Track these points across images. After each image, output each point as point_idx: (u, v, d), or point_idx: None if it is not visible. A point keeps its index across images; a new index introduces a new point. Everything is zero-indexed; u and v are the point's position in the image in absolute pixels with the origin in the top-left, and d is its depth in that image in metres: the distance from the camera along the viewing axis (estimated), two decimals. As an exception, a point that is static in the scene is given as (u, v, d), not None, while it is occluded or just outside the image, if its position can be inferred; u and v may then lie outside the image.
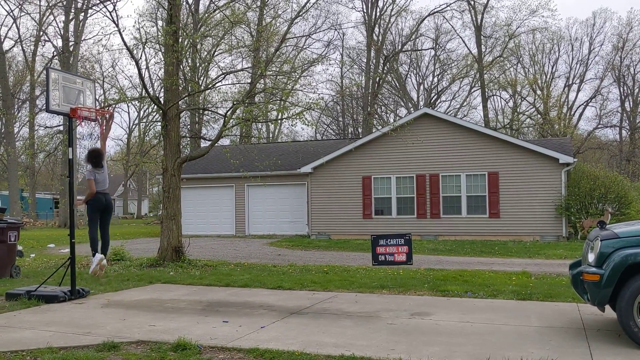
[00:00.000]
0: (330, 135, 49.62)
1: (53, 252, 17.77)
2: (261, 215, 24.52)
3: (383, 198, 21.45)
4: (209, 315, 7.23)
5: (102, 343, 5.67)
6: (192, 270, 12.03)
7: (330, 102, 46.11)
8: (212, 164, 26.05)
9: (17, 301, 8.16)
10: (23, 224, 12.69)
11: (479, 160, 20.30)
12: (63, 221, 35.01)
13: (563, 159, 19.19)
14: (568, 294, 8.17)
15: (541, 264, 13.06)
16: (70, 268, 8.72)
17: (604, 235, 5.67)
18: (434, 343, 5.70)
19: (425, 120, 21.07)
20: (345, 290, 9.22)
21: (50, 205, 52.38)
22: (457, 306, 7.67)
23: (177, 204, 13.29)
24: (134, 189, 67.89)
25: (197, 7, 15.68)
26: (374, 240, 9.56)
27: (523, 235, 19.60)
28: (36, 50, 38.51)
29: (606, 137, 51.98)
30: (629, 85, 48.20)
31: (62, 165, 37.29)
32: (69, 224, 9.05)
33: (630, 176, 40.63)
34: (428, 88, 48.91)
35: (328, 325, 6.54)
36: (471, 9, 43.15)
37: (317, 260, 14.30)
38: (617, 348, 5.40)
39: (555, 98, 48.45)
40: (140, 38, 13.90)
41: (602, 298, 5.46)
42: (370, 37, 38.86)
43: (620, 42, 46.87)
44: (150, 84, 34.09)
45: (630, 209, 19.99)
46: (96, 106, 9.57)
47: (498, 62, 45.22)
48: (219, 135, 14.03)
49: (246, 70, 16.20)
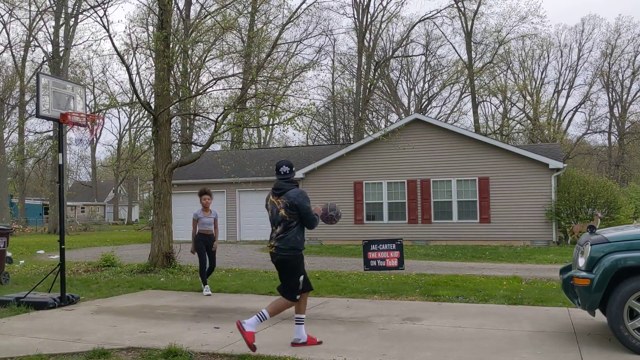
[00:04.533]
0: (321, 140, 49.66)
1: (42, 258, 17.63)
2: (253, 221, 24.46)
3: (374, 203, 21.48)
4: (200, 322, 7.19)
5: (92, 350, 5.63)
6: (183, 276, 11.97)
7: (322, 107, 46.19)
8: (203, 169, 25.99)
9: (6, 308, 8.08)
10: (12, 230, 12.59)
11: (469, 166, 20.38)
12: (53, 227, 34.77)
13: (553, 164, 19.31)
14: (559, 299, 8.21)
15: (532, 269, 13.11)
16: (60, 274, 8.66)
17: (594, 240, 5.71)
18: (425, 348, 5.70)
19: (416, 126, 21.15)
20: (337, 295, 9.22)
21: (40, 212, 52.03)
22: (448, 311, 7.68)
23: (168, 210, 13.23)
24: (124, 195, 67.55)
25: (188, 13, 15.69)
26: (365, 245, 9.56)
27: (514, 240, 19.69)
28: (26, 55, 38.31)
29: (595, 143, 52.49)
30: (618, 91, 48.67)
31: (52, 171, 37.06)
32: (59, 230, 9.00)
33: (619, 181, 40.98)
34: (419, 94, 49.10)
35: (320, 331, 6.53)
36: (461, 15, 43.41)
37: (309, 266, 14.22)
38: (608, 352, 5.42)
39: (545, 104, 48.84)
40: (131, 43, 13.88)
41: (592, 302, 5.48)
42: (361, 43, 38.97)
43: (609, 48, 47.38)
44: (141, 89, 34.04)
45: (619, 214, 20.15)
46: (87, 111, 9.54)
47: (488, 68, 45.48)
48: (210, 141, 14.00)
49: (237, 75, 16.17)
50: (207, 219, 9.57)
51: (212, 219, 9.64)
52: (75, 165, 68.18)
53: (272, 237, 5.82)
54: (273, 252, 5.83)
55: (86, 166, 68.16)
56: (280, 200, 5.72)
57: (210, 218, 9.61)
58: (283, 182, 5.76)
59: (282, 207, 5.69)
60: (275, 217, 5.77)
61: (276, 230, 5.76)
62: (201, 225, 9.54)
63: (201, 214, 9.58)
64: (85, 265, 14.27)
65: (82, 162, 67.89)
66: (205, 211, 9.61)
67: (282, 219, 5.69)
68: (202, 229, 9.56)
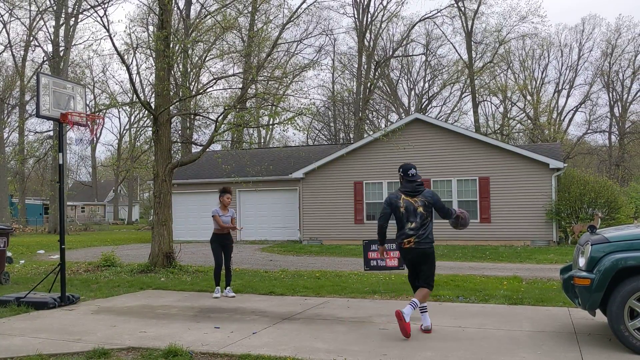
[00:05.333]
0: (321, 140, 49.65)
1: (43, 258, 17.63)
2: (253, 221, 24.45)
3: (375, 203, 21.46)
4: (200, 322, 7.19)
5: (92, 350, 5.62)
6: (183, 276, 11.97)
7: (322, 107, 46.19)
8: (203, 169, 25.98)
9: (6, 308, 8.08)
10: (12, 230, 12.58)
11: (469, 166, 20.37)
12: (53, 227, 34.77)
13: (553, 164, 19.30)
14: (559, 299, 8.20)
15: (532, 269, 13.11)
16: (60, 274, 8.66)
17: (594, 240, 5.71)
18: (426, 348, 5.70)
19: (417, 126, 21.14)
20: (338, 295, 9.21)
21: (40, 211, 52.05)
22: (449, 311, 7.68)
23: (168, 210, 13.23)
24: (124, 194, 67.55)
25: (188, 13, 15.71)
26: (365, 245, 9.54)
27: (514, 240, 19.68)
28: (26, 55, 38.32)
29: (595, 143, 52.45)
30: (618, 90, 48.64)
31: (52, 170, 37.08)
32: (59, 230, 9.00)
33: (620, 181, 40.96)
34: (419, 93, 49.09)
35: (320, 331, 6.53)
36: (462, 15, 43.41)
37: (309, 266, 14.28)
38: (608, 352, 5.42)
39: (545, 103, 48.84)
40: (131, 43, 13.88)
41: (593, 302, 5.48)
42: (361, 43, 38.96)
43: (609, 48, 47.35)
44: (141, 89, 34.06)
45: (619, 214, 20.13)
46: (87, 111, 9.53)
47: (488, 68, 45.48)
48: (210, 141, 14.00)
49: (237, 75, 16.16)
50: (225, 217, 9.42)
51: (230, 218, 9.49)
52: (75, 165, 68.23)
53: (408, 234, 6.36)
54: (413, 247, 6.37)
55: (86, 166, 68.23)
56: (417, 199, 6.41)
57: (228, 217, 9.46)
58: (416, 185, 6.48)
59: (420, 205, 6.38)
60: (411, 215, 6.37)
61: (410, 226, 6.36)
62: (218, 224, 9.41)
63: (220, 212, 9.43)
64: (85, 265, 14.26)
65: (82, 161, 67.96)
66: (224, 209, 9.47)
67: (420, 216, 6.36)
68: (217, 229, 9.42)
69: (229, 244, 9.52)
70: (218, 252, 9.42)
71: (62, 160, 9.16)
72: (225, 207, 9.50)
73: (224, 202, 9.49)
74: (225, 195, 9.53)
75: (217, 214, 9.39)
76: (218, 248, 9.43)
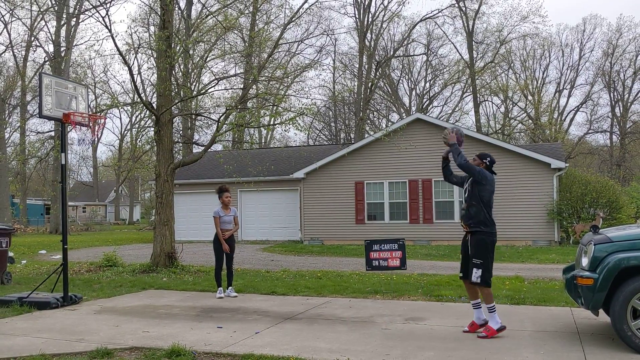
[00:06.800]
0: (322, 140, 49.62)
1: (44, 258, 17.65)
2: (254, 221, 24.46)
3: (376, 203, 21.46)
4: (202, 321, 7.20)
5: (95, 350, 5.63)
6: (185, 276, 11.98)
7: (323, 107, 46.15)
8: (205, 169, 25.99)
9: (9, 308, 8.09)
10: (14, 230, 12.60)
11: (471, 166, 20.31)
12: (54, 227, 34.77)
13: (555, 164, 19.29)
14: (561, 299, 8.20)
15: (534, 269, 13.11)
16: (63, 274, 8.67)
17: (597, 240, 5.70)
18: (428, 348, 5.70)
19: (418, 126, 21.12)
20: (339, 295, 9.21)
21: (42, 212, 52.08)
22: (451, 311, 7.68)
23: (170, 210, 13.24)
24: (125, 195, 67.58)
25: (189, 13, 15.69)
26: (367, 245, 9.55)
27: (515, 240, 19.66)
28: (27, 55, 38.30)
29: (597, 142, 52.41)
30: (619, 90, 48.58)
31: (53, 171, 37.07)
32: (62, 230, 9.01)
33: (621, 181, 40.92)
34: (420, 93, 49.08)
35: (322, 331, 6.53)
36: (463, 15, 43.38)
37: (310, 266, 14.28)
38: (611, 352, 5.42)
39: (546, 103, 48.80)
40: (132, 43, 13.88)
41: (595, 302, 5.48)
42: (362, 43, 38.93)
43: (610, 48, 47.30)
44: (142, 89, 34.04)
45: (621, 214, 20.12)
46: (88, 111, 9.54)
47: (489, 68, 45.46)
48: (212, 141, 14.02)
49: (239, 75, 16.16)
50: (227, 217, 9.34)
51: (232, 217, 9.41)
52: (76, 165, 68.16)
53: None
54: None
55: (87, 166, 68.15)
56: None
57: (230, 216, 9.39)
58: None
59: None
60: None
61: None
62: (221, 224, 9.31)
63: (222, 212, 9.33)
64: (87, 265, 14.27)
65: (84, 162, 67.84)
66: (225, 209, 9.39)
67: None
68: (221, 229, 9.33)
69: (232, 244, 9.48)
70: (220, 253, 9.39)
71: (64, 161, 9.17)
72: (226, 207, 9.42)
73: (224, 201, 9.41)
74: (224, 195, 9.45)
75: (218, 215, 9.32)
76: (220, 249, 9.38)
